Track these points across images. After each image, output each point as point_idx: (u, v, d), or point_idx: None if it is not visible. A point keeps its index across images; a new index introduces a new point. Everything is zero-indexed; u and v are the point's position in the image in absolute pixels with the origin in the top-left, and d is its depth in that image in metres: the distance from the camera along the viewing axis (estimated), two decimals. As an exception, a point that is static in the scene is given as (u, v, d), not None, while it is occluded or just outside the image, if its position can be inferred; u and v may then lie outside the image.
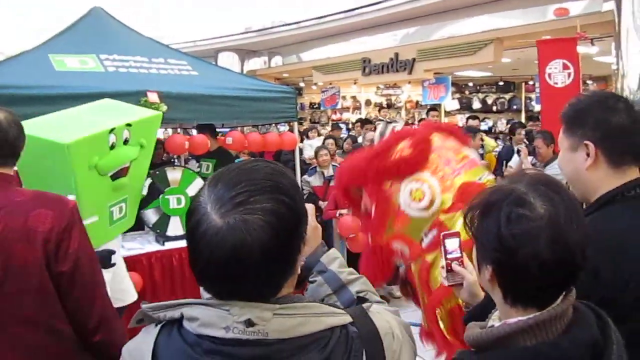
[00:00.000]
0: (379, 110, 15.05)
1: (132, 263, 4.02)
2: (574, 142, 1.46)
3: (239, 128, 6.12)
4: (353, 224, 4.98)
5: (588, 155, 1.42)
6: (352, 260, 5.27)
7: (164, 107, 4.40)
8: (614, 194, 1.41)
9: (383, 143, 2.57)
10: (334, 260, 1.28)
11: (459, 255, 1.61)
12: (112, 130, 2.86)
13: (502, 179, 1.24)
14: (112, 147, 2.90)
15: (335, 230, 5.17)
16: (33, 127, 2.51)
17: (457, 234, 1.63)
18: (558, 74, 7.46)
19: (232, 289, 0.93)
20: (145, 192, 3.79)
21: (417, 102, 14.32)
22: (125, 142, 3.01)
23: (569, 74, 7.48)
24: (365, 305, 1.07)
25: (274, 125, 9.47)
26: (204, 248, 0.90)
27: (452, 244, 1.59)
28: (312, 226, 1.24)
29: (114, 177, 3.00)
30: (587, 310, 1.09)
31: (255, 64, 15.45)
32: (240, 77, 6.22)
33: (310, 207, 1.23)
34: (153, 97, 4.41)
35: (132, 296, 3.43)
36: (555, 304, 1.04)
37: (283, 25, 13.55)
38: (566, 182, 1.59)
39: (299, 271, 1.01)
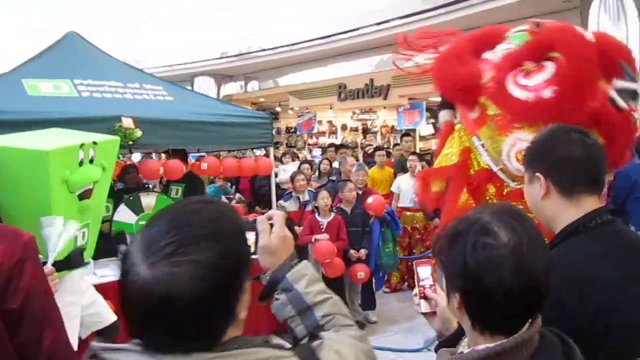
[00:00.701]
0: (365, 136, 15.15)
1: (104, 290, 3.93)
2: (530, 175, 1.54)
3: (214, 153, 6.11)
4: (328, 249, 4.99)
5: (540, 186, 1.49)
6: (329, 286, 5.24)
7: (139, 133, 4.38)
8: (576, 225, 1.45)
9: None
10: (302, 277, 1.18)
11: (431, 282, 1.62)
12: (81, 146, 2.79)
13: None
14: (81, 163, 2.81)
15: (311, 256, 5.16)
16: (5, 140, 2.56)
17: (429, 262, 1.65)
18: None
19: (162, 341, 0.87)
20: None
21: (392, 127, 14.47)
22: (91, 161, 2.90)
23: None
24: (314, 343, 1.04)
25: (250, 150, 9.48)
26: (131, 299, 0.86)
27: (424, 272, 1.61)
28: (280, 236, 1.19)
29: (81, 197, 2.87)
30: (553, 337, 1.12)
31: (231, 88, 15.51)
32: (216, 102, 6.23)
33: (279, 216, 1.21)
34: (128, 122, 4.39)
35: (109, 318, 3.35)
36: (522, 331, 1.06)
37: (260, 51, 13.68)
38: None
39: (242, 315, 0.94)
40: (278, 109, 16.57)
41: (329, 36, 11.96)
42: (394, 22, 10.57)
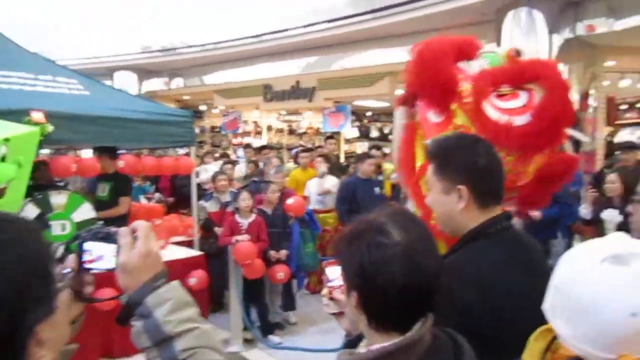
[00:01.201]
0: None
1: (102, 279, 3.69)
2: (446, 186, 1.53)
3: (135, 151, 5.91)
4: (249, 250, 4.96)
5: (460, 197, 1.50)
6: (249, 287, 5.23)
7: (50, 128, 4.16)
8: (477, 230, 1.50)
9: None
10: (165, 302, 1.01)
11: (340, 283, 1.64)
12: None
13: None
14: None
15: (231, 257, 5.11)
16: None
17: (338, 262, 1.67)
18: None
19: None
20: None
21: (317, 129, 14.61)
22: (3, 159, 2.74)
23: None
24: None
25: (173, 149, 9.25)
26: None
27: (333, 272, 1.63)
28: (143, 253, 1.04)
29: None
30: (444, 336, 1.16)
31: (154, 84, 15.06)
32: (135, 99, 6.02)
33: (144, 228, 1.07)
34: (38, 116, 4.15)
35: None
36: (414, 330, 1.10)
37: (185, 47, 13.37)
38: None
39: (38, 356, 0.79)
40: (203, 107, 16.27)
41: (257, 36, 11.88)
42: (321, 26, 10.65)
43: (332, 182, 6.99)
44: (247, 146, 10.72)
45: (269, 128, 15.29)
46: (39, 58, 5.35)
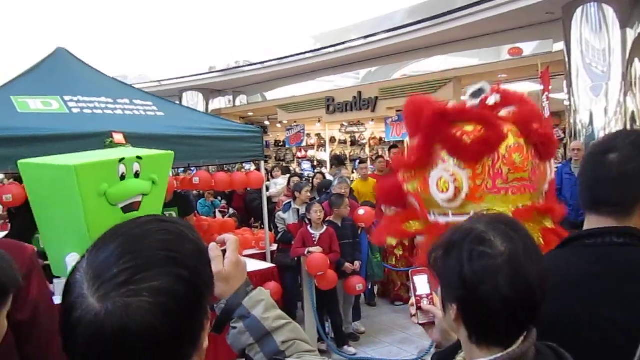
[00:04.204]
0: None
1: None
2: None
3: (205, 167, 6.11)
4: (321, 261, 4.99)
5: None
6: (322, 298, 5.27)
7: (130, 148, 4.37)
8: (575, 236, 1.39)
9: (459, 106, 2.32)
10: (259, 303, 1.12)
11: (428, 292, 1.61)
12: (121, 160, 2.95)
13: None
14: (123, 177, 2.96)
15: (304, 268, 5.16)
16: (47, 159, 2.84)
17: (425, 271, 1.65)
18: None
19: None
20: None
21: (380, 139, 14.56)
22: (137, 175, 3.05)
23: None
24: None
25: (239, 163, 9.48)
26: (79, 337, 0.75)
27: (421, 281, 1.60)
28: (234, 262, 1.13)
29: (126, 210, 3.01)
30: (548, 351, 1.10)
31: (220, 103, 15.54)
32: (206, 117, 6.24)
33: (233, 241, 1.16)
34: (118, 137, 4.38)
35: None
36: (516, 345, 1.06)
37: (247, 65, 13.73)
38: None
39: (206, 344, 0.87)
40: (266, 122, 16.61)
41: (316, 50, 12.05)
42: (381, 36, 10.67)
43: None
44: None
45: (332, 140, 15.39)
46: (116, 83, 5.66)
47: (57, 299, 1.97)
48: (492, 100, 2.22)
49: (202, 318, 0.84)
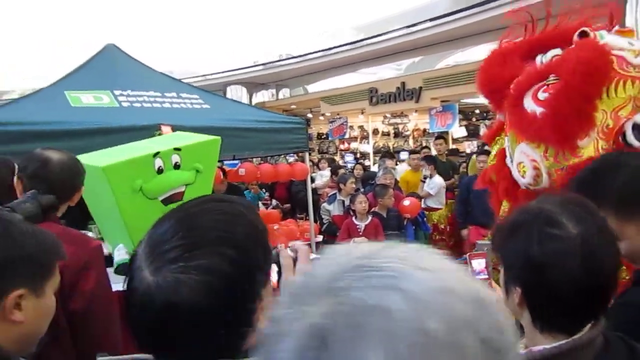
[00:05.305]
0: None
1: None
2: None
3: (248, 159, 6.18)
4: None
5: None
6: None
7: (178, 140, 4.45)
8: None
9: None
10: None
11: (486, 276, 1.58)
12: (156, 155, 2.96)
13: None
14: (160, 171, 2.97)
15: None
16: (91, 156, 2.91)
17: (483, 255, 1.61)
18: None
19: (167, 354, 0.80)
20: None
21: (424, 130, 14.36)
22: (177, 166, 3.05)
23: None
24: None
25: (282, 155, 9.54)
26: (134, 306, 0.80)
27: (478, 265, 1.58)
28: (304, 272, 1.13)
29: (166, 202, 3.02)
30: (618, 341, 1.04)
31: (263, 96, 15.66)
32: (251, 109, 6.31)
33: (304, 251, 1.12)
34: (167, 130, 4.47)
35: None
36: (583, 332, 1.00)
37: (290, 58, 13.78)
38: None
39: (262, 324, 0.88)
40: (309, 115, 16.63)
41: (359, 41, 11.97)
42: (424, 25, 10.50)
43: (434, 184, 6.86)
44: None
45: (375, 132, 15.29)
46: (164, 77, 5.77)
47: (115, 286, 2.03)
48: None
49: (253, 300, 0.83)
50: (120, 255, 2.91)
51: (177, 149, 3.07)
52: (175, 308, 0.76)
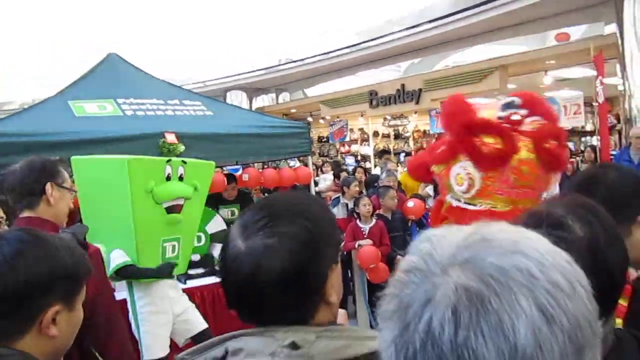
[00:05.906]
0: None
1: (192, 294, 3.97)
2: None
3: (252, 165, 6.19)
4: (372, 254, 4.98)
5: None
6: (373, 290, 5.25)
7: (182, 147, 4.48)
8: None
9: (484, 120, 2.47)
10: None
11: None
12: (168, 161, 3.15)
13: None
14: (168, 178, 3.13)
15: (355, 262, 5.17)
16: (104, 156, 3.10)
17: None
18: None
19: (258, 313, 0.94)
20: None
21: (424, 131, 14.38)
22: (181, 178, 3.21)
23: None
24: None
25: (284, 160, 9.55)
26: (227, 270, 0.95)
27: None
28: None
29: (169, 210, 3.15)
30: (630, 338, 1.05)
31: (263, 100, 15.68)
32: (253, 114, 6.34)
33: (342, 313, 1.16)
34: (171, 137, 4.50)
35: (200, 325, 3.43)
36: None
37: (289, 63, 13.80)
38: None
39: (333, 299, 0.98)
40: (310, 119, 16.65)
41: (357, 44, 11.97)
42: (423, 27, 10.52)
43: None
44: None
45: (375, 134, 15.31)
46: (166, 84, 5.80)
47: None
48: (516, 116, 2.41)
49: (325, 270, 0.97)
50: (121, 258, 2.94)
51: (184, 162, 3.24)
52: (262, 268, 0.89)
